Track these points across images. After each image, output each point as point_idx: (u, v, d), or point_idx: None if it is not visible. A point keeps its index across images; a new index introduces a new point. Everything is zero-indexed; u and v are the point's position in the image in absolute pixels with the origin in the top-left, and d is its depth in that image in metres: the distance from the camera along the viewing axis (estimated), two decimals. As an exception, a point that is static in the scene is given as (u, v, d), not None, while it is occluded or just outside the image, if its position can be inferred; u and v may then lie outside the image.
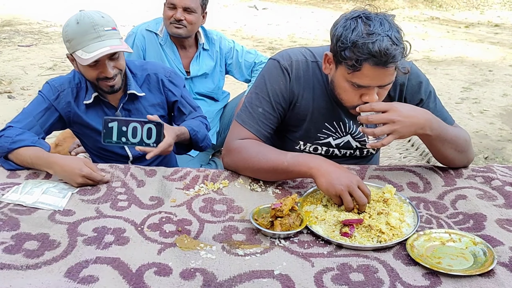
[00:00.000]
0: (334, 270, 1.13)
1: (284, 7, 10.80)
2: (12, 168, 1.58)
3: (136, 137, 1.60)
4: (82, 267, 1.11)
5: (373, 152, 1.77)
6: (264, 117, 1.58)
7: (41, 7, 9.79)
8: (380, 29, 1.34)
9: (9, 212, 1.33)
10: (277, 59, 1.60)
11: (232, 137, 1.59)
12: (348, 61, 1.37)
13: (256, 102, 1.58)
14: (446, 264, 1.15)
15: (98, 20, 1.63)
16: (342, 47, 1.38)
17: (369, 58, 1.34)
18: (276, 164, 1.46)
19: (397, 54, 1.34)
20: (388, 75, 1.39)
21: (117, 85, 1.73)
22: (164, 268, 1.12)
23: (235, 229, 1.30)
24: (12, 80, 5.14)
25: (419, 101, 1.62)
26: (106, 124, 1.60)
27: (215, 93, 2.59)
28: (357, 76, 1.39)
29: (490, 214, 1.38)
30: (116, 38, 1.67)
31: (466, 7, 11.26)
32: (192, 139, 1.86)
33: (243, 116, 1.60)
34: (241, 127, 1.58)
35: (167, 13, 2.35)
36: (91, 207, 1.39)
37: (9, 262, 1.12)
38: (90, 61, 1.60)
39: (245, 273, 1.11)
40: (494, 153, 3.71)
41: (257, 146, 1.54)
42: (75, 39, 1.63)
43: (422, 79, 1.62)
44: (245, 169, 1.56)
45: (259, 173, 1.53)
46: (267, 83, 1.58)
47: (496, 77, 5.78)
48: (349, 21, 1.39)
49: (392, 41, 1.33)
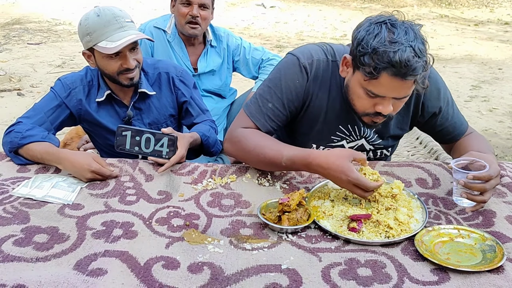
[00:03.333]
0: (342, 265, 1.13)
1: (292, 5, 10.78)
2: (22, 162, 1.59)
3: (149, 147, 1.61)
4: (91, 260, 1.12)
5: (387, 154, 1.72)
6: (273, 113, 1.54)
7: (50, 5, 9.85)
8: (404, 38, 1.28)
9: (19, 206, 1.35)
10: (298, 56, 1.54)
11: (235, 125, 1.57)
12: (366, 68, 1.31)
13: (267, 96, 1.54)
14: (455, 260, 1.14)
15: (118, 12, 1.67)
16: (362, 52, 1.32)
17: (388, 68, 1.28)
18: (274, 162, 1.46)
19: (418, 66, 1.27)
20: (405, 88, 1.34)
21: (136, 78, 1.74)
22: (172, 262, 1.13)
23: (243, 224, 1.30)
24: (22, 77, 5.18)
25: (438, 110, 1.58)
26: (120, 133, 1.61)
27: (222, 90, 2.59)
28: (374, 84, 1.34)
29: (500, 210, 1.37)
30: (135, 29, 1.71)
31: (475, 5, 11.16)
32: (204, 145, 1.83)
33: (251, 107, 1.56)
34: (247, 118, 1.56)
35: (181, 10, 2.33)
36: (100, 201, 1.40)
37: (19, 254, 1.14)
38: (117, 48, 1.61)
39: (253, 267, 1.12)
40: (504, 151, 3.67)
41: (257, 138, 1.50)
42: (97, 31, 1.64)
43: (441, 85, 1.58)
44: (244, 160, 1.57)
45: (258, 165, 1.54)
46: (282, 79, 1.53)
47: (505, 75, 5.73)
48: (373, 26, 1.32)
49: (415, 52, 1.27)
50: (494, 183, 1.31)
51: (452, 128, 1.64)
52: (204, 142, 1.82)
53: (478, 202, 1.32)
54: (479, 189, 1.30)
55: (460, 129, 1.64)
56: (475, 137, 1.64)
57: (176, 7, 2.36)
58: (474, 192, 1.31)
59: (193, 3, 2.32)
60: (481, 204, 1.33)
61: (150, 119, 1.85)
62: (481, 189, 1.30)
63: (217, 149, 1.94)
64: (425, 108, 1.59)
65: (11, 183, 1.48)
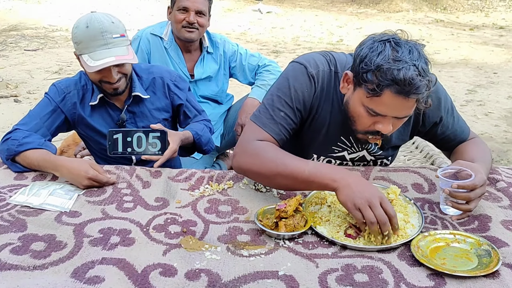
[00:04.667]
0: (339, 270, 1.14)
1: (288, 11, 10.83)
2: (19, 170, 1.59)
3: (141, 146, 1.65)
4: (88, 268, 1.12)
5: (387, 163, 1.73)
6: (286, 121, 1.48)
7: (47, 11, 9.87)
8: (408, 57, 1.27)
9: (16, 214, 1.35)
10: (304, 64, 1.51)
11: (248, 138, 1.46)
12: (369, 85, 1.30)
13: (278, 105, 1.48)
14: (451, 265, 1.15)
15: (107, 26, 1.64)
16: (365, 69, 1.30)
17: (392, 85, 1.27)
18: (296, 172, 1.34)
19: (421, 85, 1.27)
20: (407, 107, 1.32)
21: (120, 88, 1.74)
22: (169, 269, 1.13)
23: (240, 230, 1.30)
24: (19, 84, 5.18)
25: (439, 119, 1.59)
26: (111, 136, 1.64)
27: (219, 96, 2.60)
28: (376, 102, 1.32)
29: (495, 215, 1.38)
30: (123, 46, 1.68)
31: (470, 10, 11.24)
32: (196, 143, 1.88)
33: (263, 118, 1.48)
34: (260, 129, 1.47)
35: (178, 17, 2.34)
36: (97, 208, 1.40)
37: (17, 262, 1.13)
38: (95, 69, 1.63)
39: (250, 273, 1.12)
40: (499, 155, 3.69)
41: (276, 150, 1.42)
42: (82, 43, 1.65)
43: (441, 94, 1.57)
44: (259, 174, 1.42)
45: (275, 179, 1.39)
46: (291, 87, 1.49)
47: (501, 80, 5.77)
48: (376, 43, 1.31)
49: (418, 71, 1.26)
50: (479, 192, 1.32)
51: (453, 136, 1.64)
52: (196, 140, 1.87)
53: (463, 211, 1.33)
54: (463, 198, 1.31)
55: (461, 136, 1.65)
56: (474, 143, 1.64)
57: (173, 14, 2.37)
58: (460, 200, 1.32)
59: (190, 10, 2.33)
60: (467, 212, 1.34)
61: (143, 122, 1.86)
62: (466, 198, 1.31)
63: (210, 148, 1.98)
64: (426, 119, 1.58)
65: (8, 190, 1.48)
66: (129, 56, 1.69)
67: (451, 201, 1.33)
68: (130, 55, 1.69)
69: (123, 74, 1.73)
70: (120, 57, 1.65)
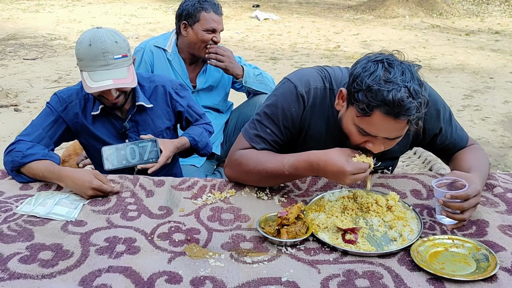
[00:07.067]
0: (340, 276, 1.16)
1: (286, 17, 10.90)
2: (25, 181, 1.62)
3: (135, 157, 1.74)
4: (96, 276, 1.15)
5: (388, 173, 1.76)
6: (271, 138, 1.56)
7: (45, 20, 9.91)
8: (400, 78, 1.28)
9: (23, 223, 1.37)
10: (295, 83, 1.55)
11: (234, 148, 1.60)
12: (360, 104, 1.31)
13: (265, 122, 1.56)
14: (450, 269, 1.18)
15: (109, 47, 1.66)
16: (357, 88, 1.32)
17: (381, 106, 1.28)
18: (277, 173, 1.48)
19: (411, 107, 1.27)
20: (397, 129, 1.34)
21: (119, 103, 1.78)
22: (174, 276, 1.15)
23: (243, 238, 1.33)
24: (18, 93, 5.20)
25: (438, 130, 1.61)
26: (105, 153, 1.72)
27: (220, 105, 2.64)
28: (366, 121, 1.33)
29: (493, 220, 1.40)
30: (124, 67, 1.71)
31: (466, 15, 11.33)
32: (193, 148, 1.98)
33: (250, 133, 1.58)
34: (246, 142, 1.58)
35: (205, 37, 2.36)
36: (102, 217, 1.42)
37: (25, 272, 1.16)
38: (92, 90, 1.67)
39: (253, 280, 1.14)
40: (496, 160, 3.73)
41: (256, 156, 1.53)
42: (84, 60, 1.68)
43: (440, 106, 1.59)
44: (247, 180, 1.59)
45: (262, 182, 1.56)
46: (279, 106, 1.54)
47: (497, 84, 5.81)
48: (370, 63, 1.33)
49: (409, 93, 1.27)
50: (473, 202, 1.34)
51: (452, 145, 1.67)
52: (192, 145, 1.97)
53: (458, 220, 1.35)
54: (457, 208, 1.33)
55: (460, 145, 1.67)
56: (471, 150, 1.66)
57: (197, 32, 2.36)
58: (454, 210, 1.34)
59: (217, 30, 2.38)
60: (462, 222, 1.36)
61: (146, 131, 1.89)
62: (460, 208, 1.33)
63: (207, 151, 2.07)
64: (426, 131, 1.60)
65: (14, 200, 1.50)
66: (128, 79, 1.71)
67: (446, 210, 1.35)
68: (129, 78, 1.71)
69: (122, 92, 1.76)
70: (118, 80, 1.68)
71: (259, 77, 2.50)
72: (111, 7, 11.84)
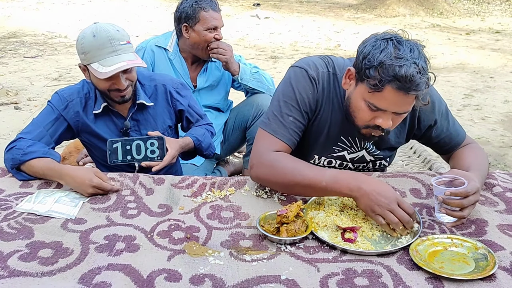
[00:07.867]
0: (339, 274, 1.17)
1: (286, 16, 10.89)
2: (25, 178, 1.62)
3: (140, 153, 1.71)
4: (95, 274, 1.15)
5: (386, 165, 1.77)
6: (295, 125, 1.55)
7: (46, 18, 9.91)
8: (409, 55, 1.33)
9: (23, 221, 1.37)
10: (304, 68, 1.57)
11: (263, 149, 1.52)
12: (371, 80, 1.36)
13: (286, 111, 1.54)
14: (449, 268, 1.18)
15: (114, 34, 1.68)
16: (368, 65, 1.36)
17: (393, 81, 1.32)
18: (314, 183, 1.41)
19: (421, 82, 1.33)
20: (406, 103, 1.39)
21: (127, 95, 1.78)
22: (174, 274, 1.16)
23: (242, 236, 1.33)
24: (19, 91, 5.20)
25: (433, 122, 1.63)
26: (111, 145, 1.69)
27: (221, 104, 2.64)
28: (377, 97, 1.37)
29: (492, 219, 1.41)
30: (130, 52, 1.73)
31: (466, 14, 11.32)
32: (197, 148, 1.95)
33: (273, 125, 1.54)
34: (272, 137, 1.53)
35: (208, 36, 2.36)
36: (102, 215, 1.42)
37: (25, 269, 1.16)
38: (107, 75, 1.65)
39: (253, 278, 1.15)
40: (496, 159, 3.73)
41: (292, 161, 1.49)
42: (91, 52, 1.68)
43: (435, 98, 1.62)
44: (277, 184, 1.51)
45: (293, 188, 1.49)
46: (296, 91, 1.55)
47: (497, 84, 5.81)
48: (379, 41, 1.37)
49: (419, 69, 1.32)
50: (473, 199, 1.35)
51: (449, 139, 1.68)
52: (196, 146, 1.94)
53: (457, 218, 1.36)
54: (457, 205, 1.34)
55: (457, 140, 1.69)
56: (470, 149, 1.67)
57: (199, 33, 2.36)
58: (454, 208, 1.35)
59: (218, 27, 2.38)
60: (462, 220, 1.37)
61: (147, 130, 1.89)
62: (459, 205, 1.34)
63: (210, 152, 2.04)
64: (421, 122, 1.63)
65: (14, 198, 1.50)
66: (138, 60, 1.73)
67: (445, 208, 1.36)
68: (138, 60, 1.73)
69: (130, 82, 1.77)
70: (130, 61, 1.69)
71: (255, 75, 2.49)
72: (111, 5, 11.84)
